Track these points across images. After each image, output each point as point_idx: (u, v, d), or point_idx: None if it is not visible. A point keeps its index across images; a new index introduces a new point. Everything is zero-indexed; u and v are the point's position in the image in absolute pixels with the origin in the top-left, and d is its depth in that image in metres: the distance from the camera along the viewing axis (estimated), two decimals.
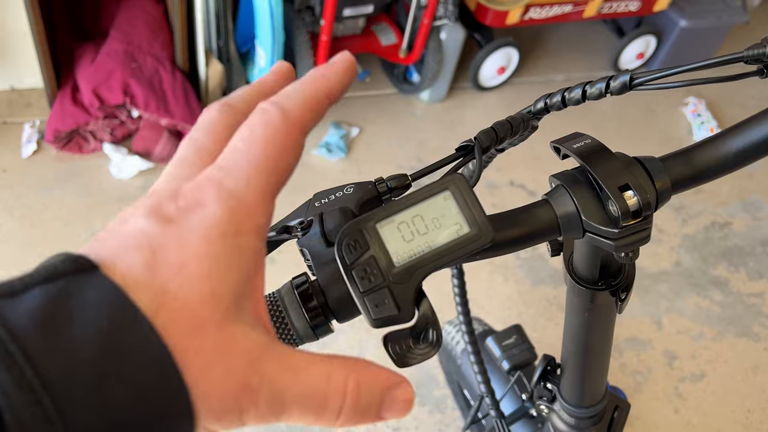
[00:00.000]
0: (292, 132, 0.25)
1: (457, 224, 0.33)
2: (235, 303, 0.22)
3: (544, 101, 0.44)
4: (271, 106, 0.25)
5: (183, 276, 0.21)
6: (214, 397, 0.21)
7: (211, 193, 0.22)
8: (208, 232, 0.22)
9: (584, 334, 0.52)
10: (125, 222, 0.22)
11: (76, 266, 0.20)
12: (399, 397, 0.25)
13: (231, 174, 0.23)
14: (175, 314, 0.20)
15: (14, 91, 2.03)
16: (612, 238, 0.37)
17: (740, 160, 0.39)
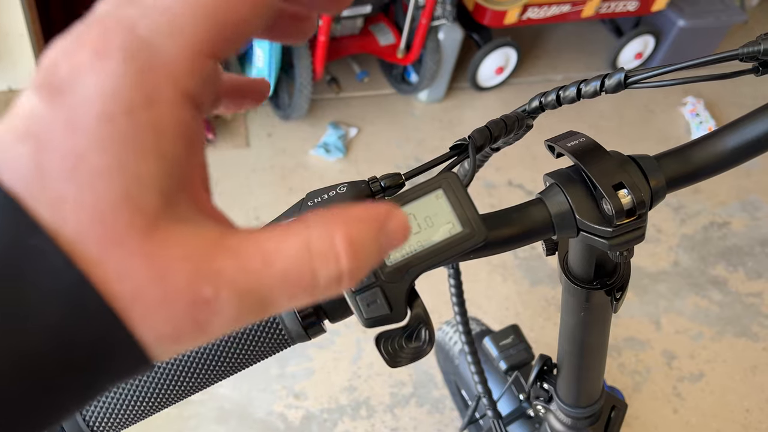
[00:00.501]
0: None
1: (449, 223, 0.33)
2: (162, 200, 0.17)
3: (539, 100, 0.44)
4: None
5: (81, 173, 0.16)
6: (159, 322, 0.16)
7: (117, 41, 0.16)
8: (108, 104, 0.16)
9: (580, 334, 0.52)
10: (20, 96, 0.17)
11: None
12: (394, 227, 0.20)
13: (150, 14, 0.17)
14: (81, 228, 0.16)
15: (12, 92, 2.02)
16: (606, 236, 0.37)
17: (735, 158, 0.39)
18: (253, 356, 0.36)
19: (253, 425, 1.42)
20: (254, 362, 0.36)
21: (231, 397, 1.46)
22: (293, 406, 1.47)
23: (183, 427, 1.40)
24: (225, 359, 0.35)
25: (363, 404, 1.48)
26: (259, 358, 0.36)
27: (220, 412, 1.44)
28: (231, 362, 0.35)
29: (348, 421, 1.46)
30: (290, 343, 0.35)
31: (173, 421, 1.41)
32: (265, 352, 0.35)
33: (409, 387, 1.52)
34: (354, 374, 1.53)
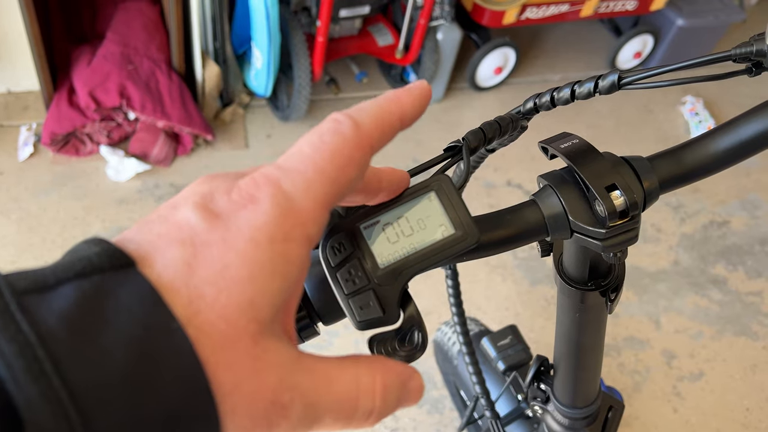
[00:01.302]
0: (361, 146, 0.24)
1: (442, 225, 0.33)
2: (272, 314, 0.21)
3: (533, 101, 0.44)
4: (344, 118, 0.24)
5: (223, 279, 0.20)
6: (243, 414, 0.20)
7: (267, 191, 0.21)
8: (256, 234, 0.21)
9: (575, 335, 0.52)
10: (175, 209, 0.21)
11: (112, 262, 0.19)
12: (413, 387, 0.26)
13: (290, 175, 0.22)
14: (210, 323, 0.19)
15: (11, 94, 2.03)
16: (599, 238, 0.37)
17: (729, 158, 0.39)
18: None
19: None
20: None
21: None
22: None
23: None
24: None
25: None
26: None
27: None
28: None
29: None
30: None
31: None
32: None
33: None
34: None
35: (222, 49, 1.92)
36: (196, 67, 1.94)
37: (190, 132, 1.89)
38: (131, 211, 1.79)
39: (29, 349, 0.16)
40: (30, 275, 0.18)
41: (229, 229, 0.21)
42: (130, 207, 1.80)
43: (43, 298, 0.17)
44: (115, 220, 1.76)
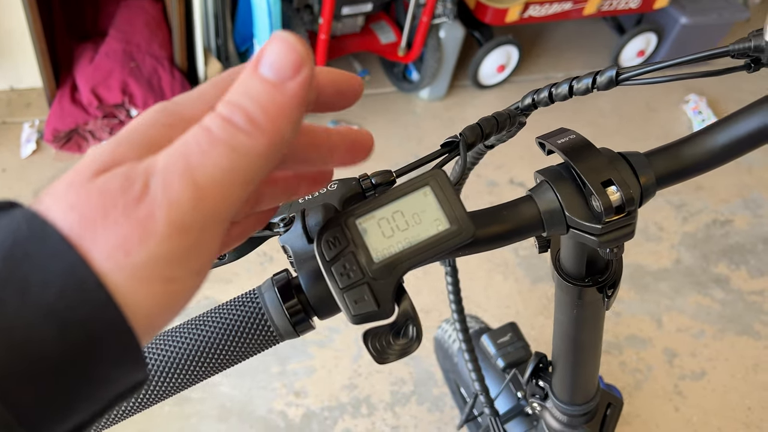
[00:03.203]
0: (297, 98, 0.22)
1: (437, 220, 0.33)
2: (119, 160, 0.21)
3: (531, 97, 0.44)
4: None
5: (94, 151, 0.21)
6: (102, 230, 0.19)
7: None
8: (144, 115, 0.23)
9: (573, 331, 0.52)
10: None
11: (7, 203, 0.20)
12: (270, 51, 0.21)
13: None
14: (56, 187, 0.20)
15: (13, 91, 2.03)
16: (595, 233, 0.37)
17: (726, 154, 0.39)
18: (242, 352, 0.36)
19: (253, 423, 1.43)
20: (244, 358, 0.36)
21: (231, 394, 1.46)
22: (294, 403, 1.47)
23: (184, 425, 1.41)
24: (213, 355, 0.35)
25: (363, 402, 1.49)
26: (249, 355, 0.36)
27: (221, 410, 1.44)
28: (220, 358, 0.35)
29: (348, 419, 1.46)
30: (279, 339, 0.36)
31: (174, 419, 1.41)
32: (255, 348, 0.35)
33: (410, 385, 1.52)
34: (354, 372, 1.53)
35: (224, 46, 1.92)
36: (198, 65, 1.94)
37: None
38: None
39: None
40: None
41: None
42: None
43: None
44: None
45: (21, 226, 0.19)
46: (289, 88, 0.21)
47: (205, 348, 0.35)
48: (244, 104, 0.21)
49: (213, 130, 0.20)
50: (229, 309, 0.36)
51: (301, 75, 0.21)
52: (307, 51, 0.21)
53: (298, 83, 0.21)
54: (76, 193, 0.19)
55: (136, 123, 0.22)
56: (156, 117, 0.22)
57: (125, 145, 0.21)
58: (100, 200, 0.19)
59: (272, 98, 0.21)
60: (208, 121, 0.21)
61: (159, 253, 0.19)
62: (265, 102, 0.21)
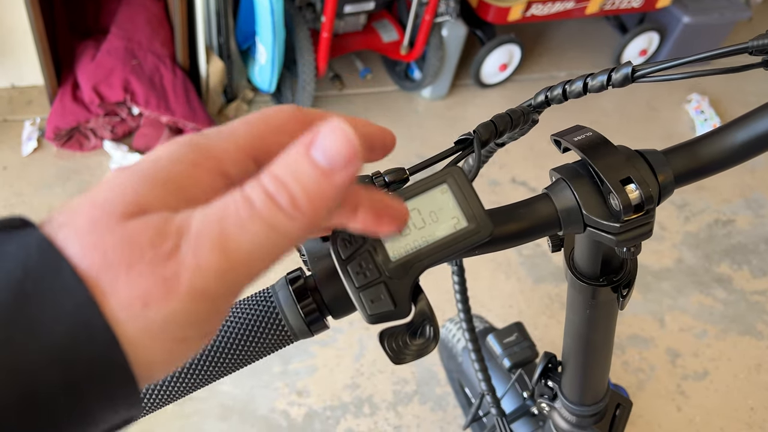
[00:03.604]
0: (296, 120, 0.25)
1: (454, 218, 0.33)
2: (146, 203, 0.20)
3: (544, 94, 0.44)
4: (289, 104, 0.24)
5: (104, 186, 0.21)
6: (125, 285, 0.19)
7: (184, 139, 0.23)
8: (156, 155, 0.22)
9: (585, 331, 0.51)
10: None
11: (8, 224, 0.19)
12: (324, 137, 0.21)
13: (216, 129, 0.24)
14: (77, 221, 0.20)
15: (15, 89, 2.02)
16: (613, 232, 0.36)
17: (744, 153, 0.38)
18: (255, 352, 0.35)
19: (255, 422, 1.42)
20: (257, 358, 0.36)
21: (233, 394, 1.46)
22: (296, 403, 1.46)
23: (185, 424, 1.40)
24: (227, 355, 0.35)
25: (366, 401, 1.48)
26: (262, 355, 0.35)
27: (222, 409, 1.43)
28: (233, 358, 0.35)
29: (351, 418, 1.45)
30: (293, 339, 0.35)
31: (175, 418, 1.40)
32: (268, 348, 0.35)
33: (412, 384, 1.52)
34: (357, 371, 1.53)
35: (226, 44, 1.91)
36: (200, 63, 1.93)
37: (194, 127, 1.88)
38: None
39: None
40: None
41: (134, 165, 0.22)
42: None
43: None
44: None
45: (33, 254, 0.18)
46: (338, 179, 0.21)
47: (217, 348, 0.34)
48: (291, 186, 0.20)
49: (255, 204, 0.20)
50: (242, 308, 0.36)
51: (352, 167, 0.21)
52: (361, 144, 0.21)
53: (346, 175, 0.21)
54: (101, 234, 0.19)
55: (162, 155, 0.22)
56: (183, 152, 0.22)
57: (151, 184, 0.21)
58: (127, 248, 0.19)
59: (319, 186, 0.20)
60: (252, 192, 0.20)
61: (177, 314, 0.19)
62: (312, 188, 0.20)
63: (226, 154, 0.22)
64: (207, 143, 0.22)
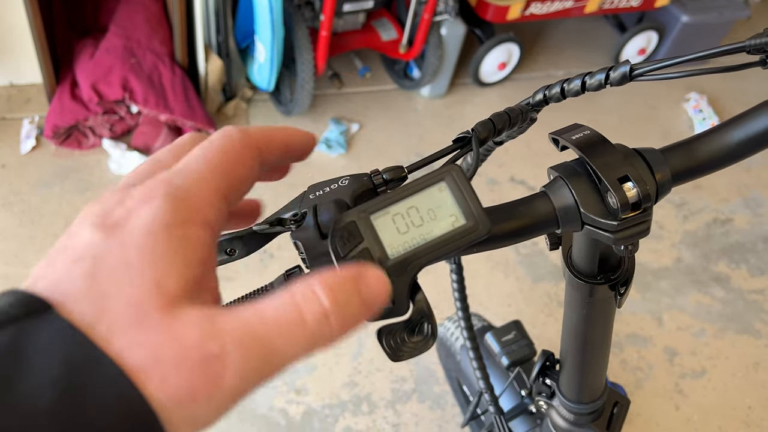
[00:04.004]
0: (248, 148, 0.26)
1: (452, 216, 0.33)
2: (182, 288, 0.21)
3: (542, 93, 0.44)
4: (232, 127, 0.26)
5: (126, 273, 0.21)
6: (176, 378, 0.20)
7: (160, 189, 0.23)
8: (151, 226, 0.22)
9: (583, 329, 0.51)
10: (72, 236, 0.22)
11: (26, 309, 0.20)
12: (373, 279, 0.25)
13: (182, 173, 0.24)
14: (117, 313, 0.20)
15: (13, 87, 2.02)
16: (611, 230, 0.37)
17: (742, 151, 0.39)
18: None
19: (254, 421, 1.42)
20: None
21: None
22: (294, 401, 1.46)
23: None
24: None
25: (364, 400, 1.48)
26: None
27: None
28: None
29: (349, 416, 1.45)
30: None
31: None
32: None
33: (411, 383, 1.52)
34: (355, 370, 1.53)
35: (225, 42, 1.91)
36: (199, 61, 1.93)
37: (193, 126, 1.88)
38: None
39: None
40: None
41: (125, 232, 0.22)
42: None
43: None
44: None
45: (72, 348, 0.19)
46: (371, 313, 0.25)
47: None
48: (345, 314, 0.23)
49: (307, 322, 0.22)
50: None
51: (382, 306, 0.25)
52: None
53: (377, 311, 0.25)
54: (146, 331, 0.20)
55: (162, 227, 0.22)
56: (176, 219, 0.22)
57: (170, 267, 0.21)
58: (175, 347, 0.20)
59: (359, 317, 0.24)
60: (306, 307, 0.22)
61: (219, 408, 0.21)
62: (354, 317, 0.24)
63: (206, 203, 0.23)
64: (187, 197, 0.23)
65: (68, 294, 0.20)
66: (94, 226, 0.22)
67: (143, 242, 0.21)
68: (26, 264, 1.61)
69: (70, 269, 0.21)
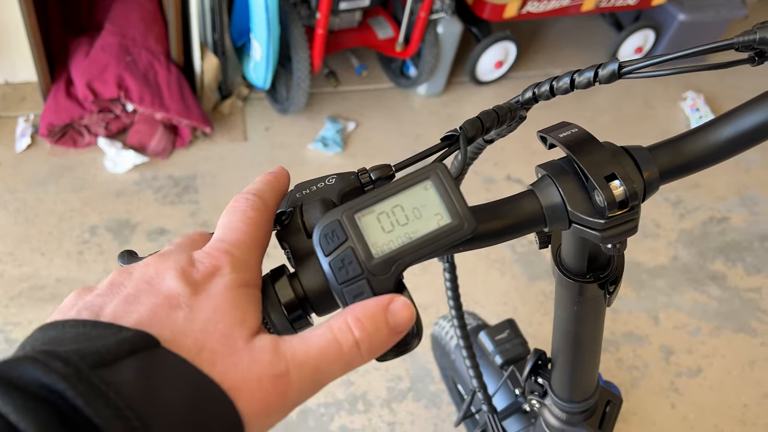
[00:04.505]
0: (269, 214, 0.34)
1: (438, 214, 0.32)
2: (257, 326, 0.29)
3: (532, 91, 0.44)
4: (254, 197, 0.33)
5: (218, 315, 0.28)
6: (260, 395, 0.26)
7: (225, 259, 0.30)
8: (229, 284, 0.29)
9: (573, 328, 0.51)
10: (158, 280, 0.29)
11: (146, 343, 0.26)
12: (398, 308, 0.30)
13: (237, 246, 0.31)
14: (215, 344, 0.27)
15: (8, 85, 2.02)
16: (598, 228, 0.36)
17: (730, 149, 0.38)
18: None
19: None
20: None
21: None
22: None
23: None
24: None
25: (360, 398, 1.48)
26: None
27: None
28: None
29: (345, 415, 1.45)
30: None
31: None
32: None
33: (406, 381, 1.52)
34: None
35: (221, 41, 1.91)
36: (194, 59, 1.93)
37: (189, 124, 1.88)
38: (129, 204, 1.78)
39: (121, 412, 0.22)
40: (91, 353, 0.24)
41: (209, 292, 0.29)
42: (127, 199, 1.79)
43: (112, 371, 0.24)
44: (112, 212, 1.76)
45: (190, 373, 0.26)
46: (398, 337, 0.31)
47: None
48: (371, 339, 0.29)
49: (343, 348, 0.29)
50: None
51: (410, 326, 0.31)
52: None
53: (402, 334, 0.31)
54: (237, 356, 0.27)
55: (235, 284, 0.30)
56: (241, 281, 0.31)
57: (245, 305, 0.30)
58: (256, 368, 0.27)
59: (387, 342, 0.30)
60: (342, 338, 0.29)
61: (282, 416, 0.28)
62: (382, 342, 0.30)
63: (255, 267, 0.32)
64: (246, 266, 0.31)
65: (174, 332, 0.27)
66: (179, 278, 0.29)
67: (226, 295, 0.29)
68: (21, 263, 1.61)
69: (170, 313, 0.27)
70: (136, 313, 0.27)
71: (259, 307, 0.31)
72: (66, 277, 1.60)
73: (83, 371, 0.23)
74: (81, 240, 1.69)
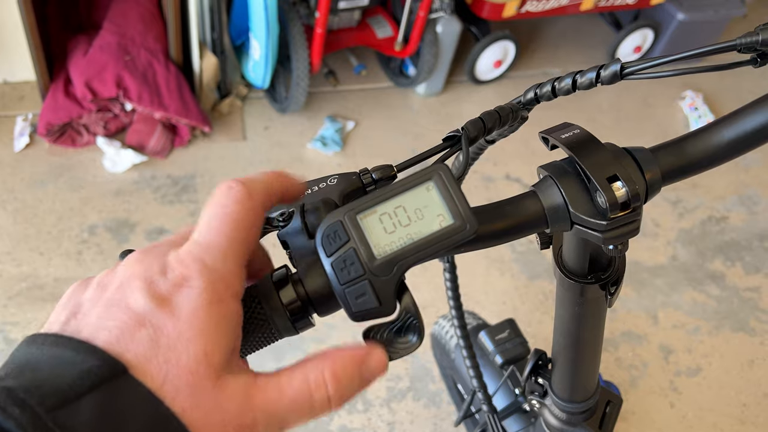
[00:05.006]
0: (254, 210, 0.30)
1: (440, 215, 0.32)
2: (224, 358, 0.27)
3: (534, 91, 0.44)
4: (237, 184, 0.30)
5: (181, 343, 0.26)
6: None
7: (194, 268, 0.27)
8: (196, 305, 0.27)
9: (574, 329, 0.51)
10: (124, 294, 0.27)
11: (112, 371, 0.25)
12: (373, 364, 0.30)
13: (210, 251, 0.28)
14: (178, 378, 0.26)
15: (7, 84, 2.01)
16: (600, 230, 0.36)
17: (732, 150, 0.38)
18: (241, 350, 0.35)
19: None
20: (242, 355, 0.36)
21: None
22: None
23: None
24: None
25: (359, 398, 1.48)
26: (247, 352, 0.35)
27: None
28: None
29: (345, 414, 1.45)
30: (277, 336, 0.35)
31: None
32: (251, 346, 0.35)
33: (406, 381, 1.52)
34: None
35: (220, 40, 1.91)
36: (193, 58, 1.93)
37: (188, 123, 1.88)
38: (127, 203, 1.78)
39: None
40: (51, 392, 0.24)
41: (175, 307, 0.27)
42: (126, 198, 1.79)
43: (70, 411, 0.23)
44: (111, 212, 1.75)
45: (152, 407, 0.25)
46: (368, 386, 0.30)
47: None
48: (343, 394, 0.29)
49: (315, 403, 0.28)
50: None
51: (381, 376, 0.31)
52: None
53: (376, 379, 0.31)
54: (200, 396, 0.26)
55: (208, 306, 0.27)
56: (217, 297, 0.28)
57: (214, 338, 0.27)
58: (220, 415, 0.26)
59: (358, 391, 0.30)
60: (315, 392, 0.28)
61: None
62: (353, 393, 0.30)
63: (233, 276, 0.28)
64: (219, 276, 0.28)
65: (139, 356, 0.26)
66: (145, 293, 0.27)
67: (191, 318, 0.27)
68: (20, 262, 1.60)
69: (134, 332, 0.26)
70: (106, 330, 0.26)
71: (233, 326, 0.28)
72: (65, 277, 1.60)
73: (40, 418, 0.23)
74: (80, 239, 1.69)
